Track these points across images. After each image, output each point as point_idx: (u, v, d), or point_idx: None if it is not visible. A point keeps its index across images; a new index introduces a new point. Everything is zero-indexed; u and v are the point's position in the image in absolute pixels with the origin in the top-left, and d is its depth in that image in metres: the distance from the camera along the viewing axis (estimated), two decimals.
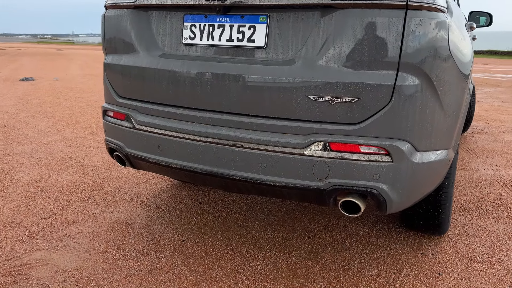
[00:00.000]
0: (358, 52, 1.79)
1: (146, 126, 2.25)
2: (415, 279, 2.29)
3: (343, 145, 1.85)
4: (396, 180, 1.87)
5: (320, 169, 1.88)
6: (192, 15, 2.12)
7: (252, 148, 1.98)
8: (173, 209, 3.12)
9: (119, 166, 4.05)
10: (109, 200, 3.27)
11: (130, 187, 3.53)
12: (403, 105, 1.80)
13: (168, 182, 3.66)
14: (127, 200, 3.27)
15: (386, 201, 1.89)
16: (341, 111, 1.84)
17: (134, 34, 2.29)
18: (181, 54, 2.17)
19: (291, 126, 1.92)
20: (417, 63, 1.77)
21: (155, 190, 3.48)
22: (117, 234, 2.74)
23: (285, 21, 1.92)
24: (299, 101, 1.88)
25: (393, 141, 1.83)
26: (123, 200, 3.26)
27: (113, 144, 2.45)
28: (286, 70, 1.90)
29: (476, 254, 2.57)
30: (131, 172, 3.89)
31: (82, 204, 3.17)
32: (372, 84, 1.78)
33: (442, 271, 2.38)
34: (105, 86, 2.51)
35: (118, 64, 2.36)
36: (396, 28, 1.74)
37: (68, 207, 3.12)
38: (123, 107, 2.38)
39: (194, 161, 2.13)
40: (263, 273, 2.32)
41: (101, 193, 3.40)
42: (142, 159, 2.31)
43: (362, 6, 1.76)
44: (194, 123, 2.12)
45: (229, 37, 2.04)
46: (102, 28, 2.47)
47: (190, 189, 3.50)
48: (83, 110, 6.88)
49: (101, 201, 3.23)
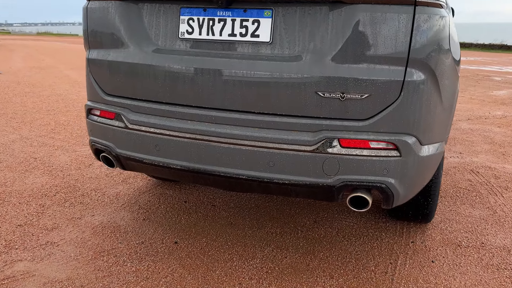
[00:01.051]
0: (368, 47, 1.79)
1: (141, 126, 2.13)
2: (411, 268, 2.36)
3: (353, 141, 1.85)
4: (404, 174, 1.90)
5: (330, 165, 1.88)
6: (190, 8, 2.02)
7: (259, 146, 1.93)
8: (157, 209, 3.01)
9: (89, 166, 3.85)
10: (87, 203, 3.09)
11: (107, 188, 3.36)
12: (411, 100, 1.82)
13: (146, 181, 3.53)
14: (106, 202, 3.12)
15: (393, 195, 1.92)
16: (351, 107, 1.84)
17: (123, 28, 2.15)
18: (178, 49, 2.07)
19: (299, 123, 1.89)
20: (424, 58, 1.80)
21: (135, 190, 3.34)
22: (103, 239, 2.60)
23: (291, 15, 1.88)
24: (308, 97, 1.86)
25: (401, 136, 1.86)
26: (102, 202, 3.10)
27: (101, 145, 2.31)
28: (294, 66, 1.86)
29: (461, 240, 2.69)
30: (104, 172, 3.71)
31: (58, 209, 2.98)
32: (382, 80, 1.79)
33: (435, 258, 2.47)
34: (89, 83, 2.35)
35: (105, 60, 2.21)
36: (405, 24, 1.75)
37: (43, 212, 2.92)
38: (112, 105, 2.25)
39: (196, 161, 2.05)
40: (265, 271, 2.30)
41: (77, 195, 3.21)
42: (135, 160, 2.20)
43: (372, 1, 1.76)
44: (195, 122, 2.03)
45: (231, 32, 1.97)
46: (84, 21, 2.30)
47: (172, 188, 3.39)
48: (37, 106, 6.47)
49: (79, 204, 3.06)
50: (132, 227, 2.75)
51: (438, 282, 2.24)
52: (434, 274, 2.31)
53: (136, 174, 3.65)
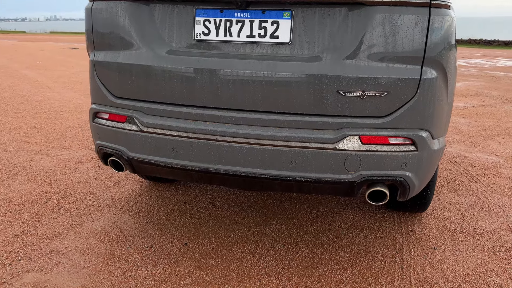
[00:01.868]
0: (387, 47, 1.86)
1: (157, 128, 2.11)
2: (416, 256, 2.49)
3: (373, 138, 1.93)
4: (419, 167, 2.00)
5: (352, 162, 1.94)
6: (206, 10, 2.02)
7: (282, 145, 1.96)
8: (158, 211, 2.98)
9: (75, 170, 3.73)
10: (82, 208, 3.00)
11: (100, 192, 3.28)
12: (426, 97, 1.92)
13: (139, 183, 3.47)
14: (103, 206, 3.04)
15: (410, 188, 2.01)
16: (371, 105, 1.91)
17: (134, 29, 2.11)
18: (194, 50, 2.06)
19: (321, 122, 1.94)
20: (437, 57, 1.90)
21: (129, 193, 3.28)
22: (110, 244, 2.54)
23: (311, 16, 1.92)
24: (330, 96, 1.91)
25: (418, 131, 1.95)
26: (99, 207, 3.02)
27: (110, 149, 2.26)
28: (315, 66, 1.90)
29: (455, 226, 2.86)
30: (92, 175, 3.61)
31: (54, 216, 2.88)
32: (401, 78, 1.87)
33: (436, 245, 2.61)
34: (95, 85, 2.29)
35: (114, 62, 2.16)
36: (421, 25, 1.84)
37: (39, 220, 2.81)
38: (123, 108, 2.20)
39: (216, 162, 2.05)
40: (281, 267, 2.34)
41: (70, 201, 3.11)
42: (150, 163, 2.17)
43: (391, 3, 1.83)
44: (214, 123, 2.04)
45: (250, 33, 1.98)
46: (89, 22, 2.24)
47: (167, 189, 3.36)
48: (1, 108, 6.14)
49: (75, 211, 2.96)
50: (137, 230, 2.70)
51: (444, 267, 2.38)
52: (438, 260, 2.45)
53: (128, 176, 3.58)
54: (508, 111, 6.66)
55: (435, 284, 2.23)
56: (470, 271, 2.35)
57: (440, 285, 2.22)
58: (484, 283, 2.24)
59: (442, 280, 2.26)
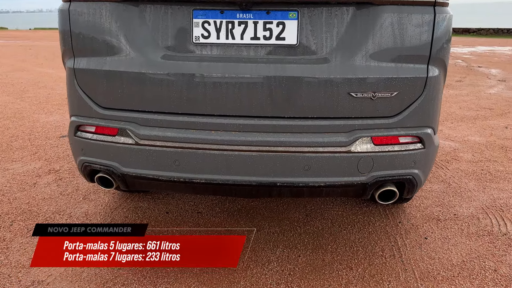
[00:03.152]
0: (395, 47, 1.85)
1: (155, 140, 1.95)
2: (412, 247, 2.55)
3: (385, 138, 1.92)
4: (426, 164, 2.03)
5: (364, 163, 1.92)
6: (204, 11, 1.88)
7: (294, 151, 1.90)
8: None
9: (34, 185, 3.39)
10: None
11: (71, 209, 3.01)
12: (431, 94, 1.94)
13: (110, 195, 3.23)
14: None
15: (417, 184, 2.04)
16: (381, 105, 1.89)
17: (123, 33, 1.92)
18: (192, 55, 1.92)
19: (333, 125, 1.90)
20: (440, 55, 1.92)
21: (104, 207, 3.04)
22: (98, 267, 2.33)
23: (317, 17, 1.86)
24: (341, 98, 1.87)
25: (424, 129, 1.98)
26: None
27: (99, 165, 2.05)
28: (325, 68, 1.85)
29: (437, 214, 2.97)
30: (55, 190, 3.30)
31: (25, 240, 2.59)
32: (410, 77, 1.88)
33: (426, 235, 2.70)
34: (75, 96, 2.06)
35: (100, 70, 1.96)
36: (428, 23, 1.85)
37: (8, 247, 2.52)
38: (112, 120, 2.01)
39: (224, 172, 1.94)
40: (287, 274, 2.29)
41: (40, 221, 2.82)
42: (148, 178, 2.00)
43: (399, 2, 1.82)
44: (220, 132, 1.92)
45: (254, 35, 1.88)
46: (65, 25, 1.99)
47: (144, 199, 3.16)
48: None
49: None
50: None
51: (440, 257, 2.46)
52: (433, 250, 2.53)
53: (95, 188, 3.32)
54: (448, 95, 7.09)
55: (437, 274, 2.30)
56: (464, 258, 2.45)
57: (442, 275, 2.29)
58: (480, 269, 2.35)
59: (443, 270, 2.33)
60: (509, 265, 2.38)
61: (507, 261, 2.42)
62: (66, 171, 3.68)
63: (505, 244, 2.59)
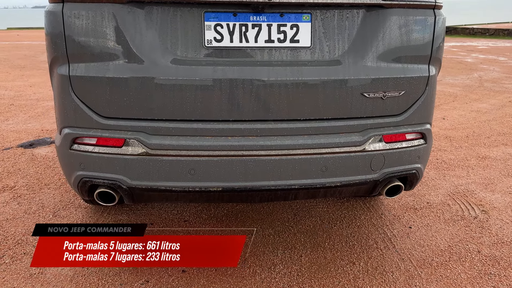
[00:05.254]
0: (402, 48, 1.94)
1: (168, 150, 1.84)
2: (401, 237, 2.69)
3: (394, 136, 2.00)
4: (426, 158, 2.15)
5: (377, 161, 1.99)
6: (216, 13, 1.81)
7: (312, 153, 1.90)
8: None
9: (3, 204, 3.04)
10: (32, 252, 2.47)
11: None
12: (431, 92, 2.06)
13: (83, 209, 3.00)
14: None
15: (419, 178, 2.15)
16: (390, 104, 1.97)
17: (127, 36, 1.79)
18: (204, 59, 1.84)
19: (347, 125, 1.94)
20: (438, 54, 2.05)
21: (80, 222, 2.82)
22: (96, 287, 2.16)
23: (330, 19, 1.88)
24: (354, 99, 1.91)
25: (425, 125, 2.09)
26: None
27: (102, 179, 1.90)
28: (340, 70, 1.88)
29: (413, 204, 3.16)
30: (17, 208, 2.99)
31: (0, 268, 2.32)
32: (415, 77, 1.97)
33: (409, 224, 2.86)
34: (71, 105, 1.88)
35: (102, 76, 1.81)
36: (430, 25, 1.96)
37: None
38: (116, 130, 1.86)
39: (242, 179, 1.89)
40: (296, 275, 2.30)
41: (10, 245, 2.54)
42: (160, 190, 1.89)
43: (405, 5, 1.90)
44: (237, 137, 1.87)
45: (268, 38, 1.85)
46: (57, 29, 1.80)
47: (122, 212, 2.97)
48: None
49: (24, 256, 2.43)
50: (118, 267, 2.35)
51: (429, 244, 2.62)
52: (420, 238, 2.69)
53: (64, 204, 3.07)
54: None
55: (432, 260, 2.44)
56: (449, 243, 2.63)
57: (436, 261, 2.44)
58: (466, 252, 2.54)
59: (435, 256, 2.49)
60: (488, 246, 2.60)
61: (485, 243, 2.64)
62: (23, 186, 3.34)
63: (479, 227, 2.82)
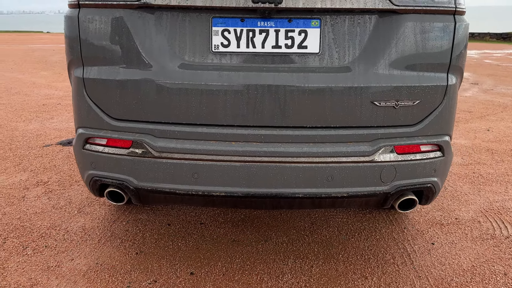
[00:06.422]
0: (417, 56, 1.85)
1: (173, 153, 1.87)
2: (421, 254, 2.56)
3: (407, 147, 1.91)
4: (443, 172, 2.04)
5: (387, 173, 1.91)
6: (224, 18, 1.82)
7: (317, 162, 1.86)
8: (144, 239, 2.68)
9: (23, 199, 3.22)
10: (53, 245, 2.59)
11: (66, 223, 2.86)
12: (450, 102, 1.95)
13: (106, 207, 3.10)
14: (77, 240, 2.66)
15: (435, 192, 2.05)
16: (403, 114, 1.89)
17: (137, 41, 1.83)
18: (211, 64, 1.86)
19: (356, 134, 1.88)
20: (459, 62, 1.94)
21: (101, 220, 2.92)
22: (105, 285, 2.22)
23: (340, 25, 1.83)
24: (364, 107, 1.85)
25: (443, 137, 1.98)
26: (72, 241, 2.64)
27: (111, 179, 1.96)
28: (349, 77, 1.83)
29: (440, 219, 3.00)
30: (47, 203, 3.15)
31: (21, 259, 2.44)
32: (431, 86, 1.88)
33: (432, 240, 2.71)
34: (84, 107, 1.96)
35: (112, 79, 1.86)
36: (448, 32, 1.86)
37: (4, 267, 2.36)
38: (126, 132, 1.91)
39: (245, 185, 1.88)
40: (303, 285, 2.24)
41: (34, 238, 2.67)
42: (165, 192, 1.92)
43: (421, 11, 1.82)
44: (241, 143, 1.86)
45: (275, 44, 1.84)
46: (73, 33, 1.89)
47: (143, 211, 3.05)
48: None
49: (45, 249, 2.55)
50: (130, 264, 2.40)
51: (450, 262, 2.47)
52: (442, 255, 2.54)
53: (90, 201, 3.19)
54: None
55: (451, 280, 2.31)
56: (473, 263, 2.47)
57: (455, 281, 2.30)
58: (491, 273, 2.38)
59: (455, 276, 2.35)
60: None
61: None
62: (55, 182, 3.51)
63: (509, 248, 2.64)
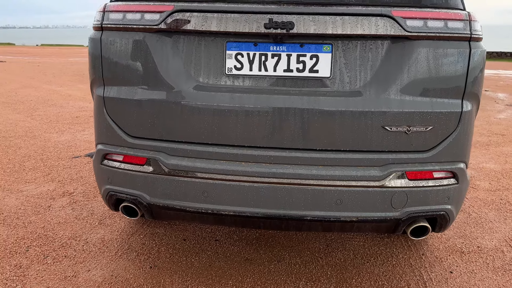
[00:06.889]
0: (430, 81, 1.83)
1: (184, 171, 1.91)
2: (438, 282, 2.48)
3: (419, 173, 1.89)
4: (458, 200, 1.99)
5: (398, 199, 1.88)
6: (238, 43, 1.87)
7: (326, 185, 1.86)
8: (159, 253, 2.73)
9: (49, 208, 3.35)
10: (72, 255, 2.68)
11: (87, 234, 2.96)
12: (465, 129, 1.92)
13: (126, 220, 3.18)
14: (95, 251, 2.74)
15: (450, 220, 2.00)
16: (415, 140, 1.87)
17: (155, 63, 1.91)
18: (224, 86, 1.91)
19: (366, 159, 1.87)
20: (474, 89, 1.90)
21: (120, 233, 2.99)
22: None
23: (352, 50, 1.85)
24: (374, 132, 1.84)
25: (458, 164, 1.94)
26: (90, 253, 2.72)
27: (126, 194, 2.02)
28: (360, 102, 1.83)
29: (461, 246, 2.91)
30: (70, 214, 3.26)
31: (41, 267, 2.54)
32: (444, 112, 1.85)
33: (451, 268, 2.63)
34: (104, 124, 2.04)
35: (130, 99, 1.94)
36: (463, 58, 1.83)
37: (24, 274, 2.46)
38: (141, 149, 1.98)
39: (253, 205, 1.90)
40: None
41: (56, 247, 2.77)
42: (175, 209, 1.97)
43: (434, 37, 1.81)
44: (250, 163, 1.89)
45: (287, 67, 1.87)
46: (96, 54, 1.99)
47: (160, 225, 3.11)
48: None
49: (64, 259, 2.64)
50: (143, 278, 2.45)
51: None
52: (459, 285, 2.46)
53: (111, 213, 3.28)
54: None
55: None
56: None
57: None
58: None
59: None
60: None
61: None
62: (80, 193, 3.64)
63: None
